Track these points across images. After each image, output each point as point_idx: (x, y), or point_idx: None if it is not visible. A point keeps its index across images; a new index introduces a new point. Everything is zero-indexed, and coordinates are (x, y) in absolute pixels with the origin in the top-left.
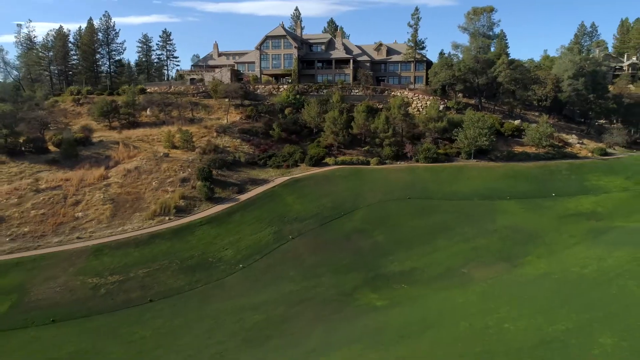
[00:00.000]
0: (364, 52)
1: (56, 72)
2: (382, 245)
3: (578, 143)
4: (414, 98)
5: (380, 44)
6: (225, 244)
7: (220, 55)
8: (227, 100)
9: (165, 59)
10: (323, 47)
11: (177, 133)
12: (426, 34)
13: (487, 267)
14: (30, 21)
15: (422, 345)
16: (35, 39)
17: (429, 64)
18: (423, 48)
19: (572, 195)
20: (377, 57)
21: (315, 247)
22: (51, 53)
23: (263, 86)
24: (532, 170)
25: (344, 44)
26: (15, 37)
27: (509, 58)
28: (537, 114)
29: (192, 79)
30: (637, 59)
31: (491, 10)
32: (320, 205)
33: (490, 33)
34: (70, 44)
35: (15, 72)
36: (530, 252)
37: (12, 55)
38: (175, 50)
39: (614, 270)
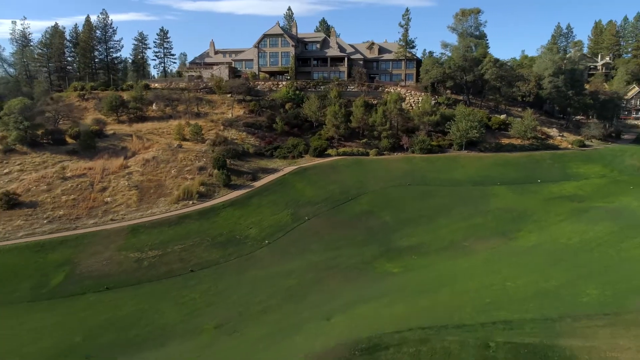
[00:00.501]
0: (357, 51)
1: (54, 68)
2: (390, 224)
3: (559, 136)
4: (406, 94)
5: (372, 43)
6: (249, 224)
7: (216, 53)
8: (230, 95)
9: (162, 56)
10: (318, 45)
11: (187, 126)
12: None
13: (485, 240)
14: (25, 18)
15: (440, 297)
16: (30, 36)
17: (418, 62)
18: (413, 47)
19: (556, 181)
20: (369, 55)
21: (330, 226)
22: (49, 50)
23: (263, 82)
24: (518, 159)
25: (337, 43)
26: (10, 34)
27: (494, 57)
28: (520, 109)
29: (190, 76)
30: (610, 59)
31: (478, 11)
32: (329, 191)
33: (477, 33)
34: (66, 41)
35: (11, 69)
36: (522, 228)
37: (8, 52)
38: (172, 48)
39: (595, 241)
